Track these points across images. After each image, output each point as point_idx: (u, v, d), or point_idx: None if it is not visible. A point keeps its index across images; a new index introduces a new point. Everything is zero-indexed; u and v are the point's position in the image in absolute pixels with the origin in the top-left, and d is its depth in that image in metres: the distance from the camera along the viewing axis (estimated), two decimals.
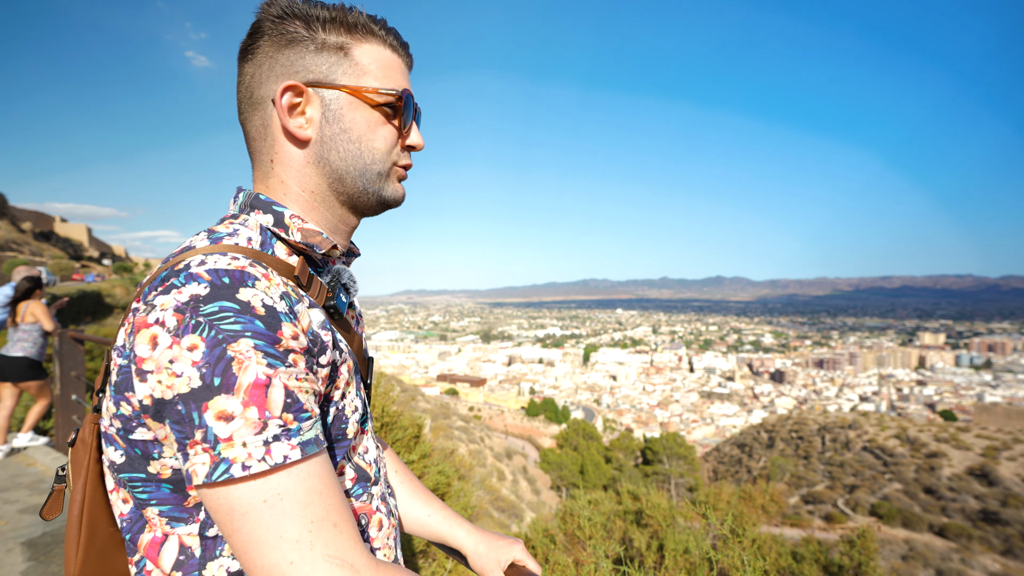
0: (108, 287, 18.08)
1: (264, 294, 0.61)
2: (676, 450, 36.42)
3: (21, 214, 41.46)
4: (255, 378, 0.56)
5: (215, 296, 0.58)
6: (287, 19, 0.73)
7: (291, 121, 0.73)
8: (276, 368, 0.58)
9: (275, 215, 0.73)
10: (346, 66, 0.74)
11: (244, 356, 0.56)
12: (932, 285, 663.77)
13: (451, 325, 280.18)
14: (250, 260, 0.64)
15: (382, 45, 0.77)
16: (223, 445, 0.55)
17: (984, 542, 23.84)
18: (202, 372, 0.56)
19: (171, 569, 0.65)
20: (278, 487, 0.56)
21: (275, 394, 0.57)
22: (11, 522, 3.81)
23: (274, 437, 0.56)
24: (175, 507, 0.65)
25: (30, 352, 5.06)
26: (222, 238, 0.69)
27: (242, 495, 0.56)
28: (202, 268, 0.61)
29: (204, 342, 0.56)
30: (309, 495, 0.58)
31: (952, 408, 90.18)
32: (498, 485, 24.49)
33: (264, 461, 0.56)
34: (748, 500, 10.97)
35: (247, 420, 0.55)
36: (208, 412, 0.55)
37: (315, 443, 0.60)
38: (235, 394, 0.55)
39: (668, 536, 4.95)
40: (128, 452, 0.64)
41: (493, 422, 69.32)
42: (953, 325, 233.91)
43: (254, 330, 0.58)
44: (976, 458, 32.39)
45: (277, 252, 0.72)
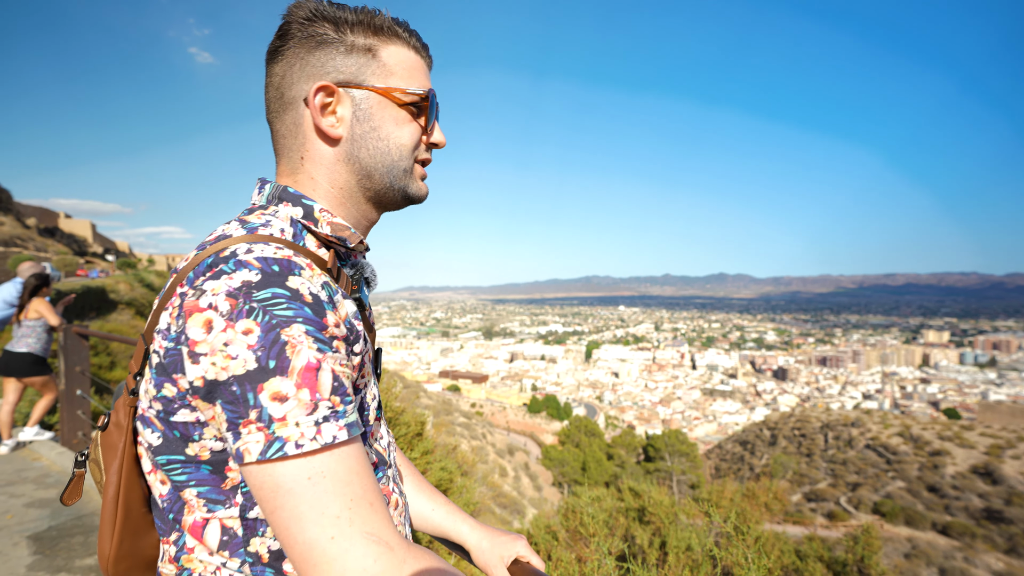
0: (112, 283, 18.13)
1: (310, 283, 0.64)
2: (678, 447, 36.46)
3: (26, 210, 41.58)
4: (307, 361, 0.59)
5: (267, 283, 0.61)
6: (315, 21, 0.75)
7: (323, 120, 0.76)
8: (325, 353, 0.61)
9: (305, 208, 0.76)
10: (374, 67, 0.77)
11: (297, 340, 0.59)
12: (936, 283, 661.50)
13: (453, 322, 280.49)
14: (293, 251, 0.68)
15: (406, 47, 0.80)
16: (277, 424, 0.58)
17: (988, 540, 23.80)
18: (257, 355, 0.58)
19: (217, 548, 0.68)
20: (322, 466, 0.59)
21: (325, 377, 0.60)
22: (17, 516, 3.83)
23: (324, 418, 0.59)
24: (213, 488, 0.67)
25: (34, 348, 5.08)
26: (256, 228, 0.72)
27: (288, 473, 0.58)
28: (251, 256, 0.63)
29: (259, 326, 0.59)
30: (349, 475, 0.60)
31: (956, 406, 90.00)
32: (500, 481, 24.55)
33: (315, 440, 0.58)
34: (751, 498, 10.97)
35: (300, 401, 0.58)
36: (263, 393, 0.58)
37: (357, 425, 0.64)
38: (289, 376, 0.58)
39: (670, 533, 4.95)
40: (166, 434, 0.67)
41: (495, 419, 69.42)
42: (957, 323, 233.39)
43: (305, 316, 0.60)
44: (980, 456, 32.32)
45: (307, 244, 0.75)
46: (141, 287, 20.07)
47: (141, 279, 21.94)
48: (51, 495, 4.22)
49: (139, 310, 17.09)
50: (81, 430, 5.35)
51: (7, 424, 5.20)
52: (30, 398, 6.14)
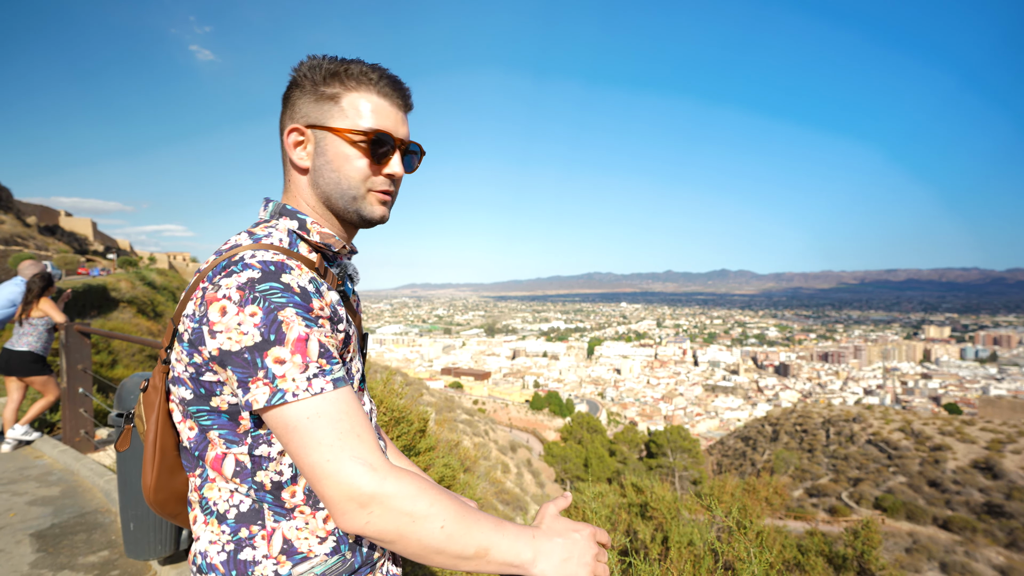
0: (113, 281, 18.13)
1: (298, 279, 0.85)
2: (680, 443, 36.45)
3: (26, 208, 41.55)
4: (298, 334, 0.81)
5: (266, 279, 0.83)
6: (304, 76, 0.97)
7: (294, 154, 0.99)
8: (311, 328, 0.83)
9: (300, 221, 0.98)
10: (335, 111, 0.96)
11: (289, 320, 0.81)
12: (938, 278, 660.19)
13: (455, 319, 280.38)
14: (286, 255, 0.89)
15: (370, 92, 0.97)
16: (279, 380, 0.79)
17: (988, 535, 23.80)
18: (261, 331, 0.80)
19: (231, 476, 0.91)
20: (316, 408, 0.80)
21: (312, 345, 0.82)
22: (20, 514, 3.84)
23: (314, 375, 0.81)
24: (230, 431, 0.91)
25: (35, 346, 5.07)
26: (261, 239, 0.94)
27: (292, 413, 0.80)
28: (254, 259, 0.85)
29: (261, 310, 0.81)
30: (339, 414, 0.81)
31: (957, 401, 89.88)
32: (503, 478, 24.57)
33: (307, 391, 0.80)
34: (752, 493, 10.97)
35: (294, 363, 0.80)
36: (268, 358, 0.80)
37: (343, 379, 0.84)
38: (285, 346, 0.80)
39: (672, 528, 4.95)
40: (196, 391, 0.90)
41: (497, 415, 69.47)
42: (958, 318, 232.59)
43: (294, 302, 0.82)
44: (981, 451, 32.30)
45: (300, 250, 0.96)
46: (142, 285, 20.08)
47: (142, 277, 21.94)
48: (54, 493, 4.23)
49: (140, 308, 17.10)
50: (83, 428, 5.35)
51: (9, 422, 5.21)
52: (32, 397, 6.14)
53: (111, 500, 4.04)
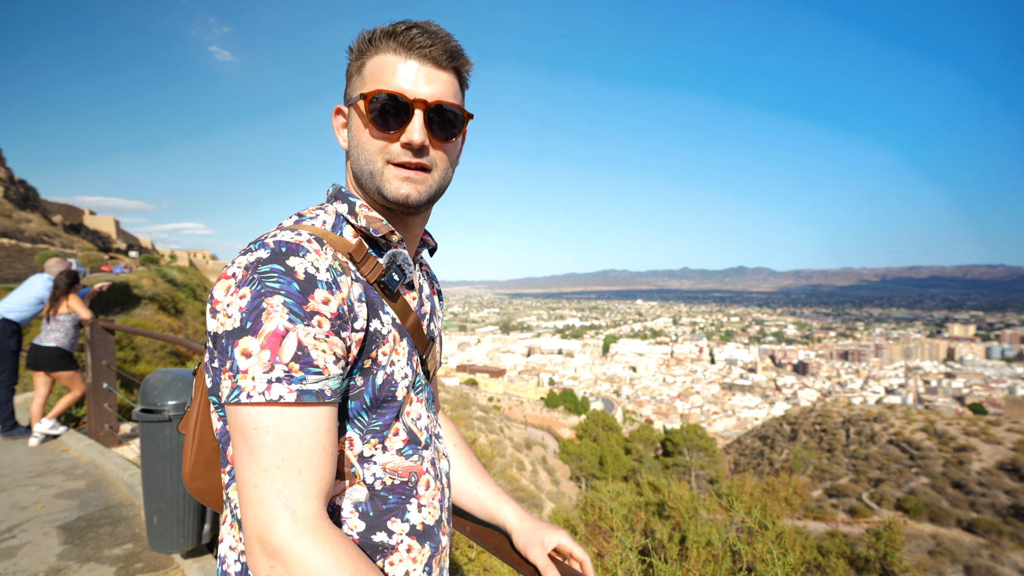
0: (136, 278, 18.43)
1: (309, 264, 0.74)
2: (697, 442, 36.15)
3: (52, 207, 42.47)
4: (275, 328, 0.69)
5: (271, 260, 0.72)
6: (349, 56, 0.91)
7: (337, 136, 0.93)
8: (295, 324, 0.70)
9: (349, 204, 0.89)
10: (357, 82, 0.88)
11: (273, 309, 0.70)
12: (962, 275, 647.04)
13: (471, 316, 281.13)
14: (311, 237, 0.78)
15: (387, 52, 0.85)
16: (240, 376, 0.69)
17: (1015, 538, 23.29)
18: (242, 316, 0.70)
19: None
20: (268, 421, 0.69)
21: (288, 344, 0.69)
22: (47, 506, 3.92)
23: (277, 379, 0.69)
24: None
25: (62, 342, 5.18)
26: (304, 220, 0.86)
27: (242, 417, 0.70)
28: (271, 239, 0.75)
29: (251, 293, 0.71)
30: (290, 437, 0.69)
31: (982, 401, 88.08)
32: (518, 475, 24.60)
33: (263, 395, 0.68)
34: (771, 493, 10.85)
35: (260, 360, 0.69)
36: (237, 348, 0.70)
37: (316, 395, 0.71)
38: (257, 337, 0.69)
39: (690, 528, 4.91)
40: (213, 379, 0.81)
41: (513, 413, 69.54)
42: (984, 316, 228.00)
43: (288, 290, 0.71)
44: (1007, 452, 31.59)
45: (345, 233, 0.87)
46: (164, 282, 20.39)
47: (164, 275, 22.29)
48: (80, 486, 4.31)
49: (162, 305, 17.37)
50: (108, 423, 5.45)
51: (38, 416, 5.32)
52: (59, 392, 6.27)
53: (135, 494, 4.11)
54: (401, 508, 0.86)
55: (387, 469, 0.86)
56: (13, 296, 5.32)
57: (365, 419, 0.83)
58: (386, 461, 0.86)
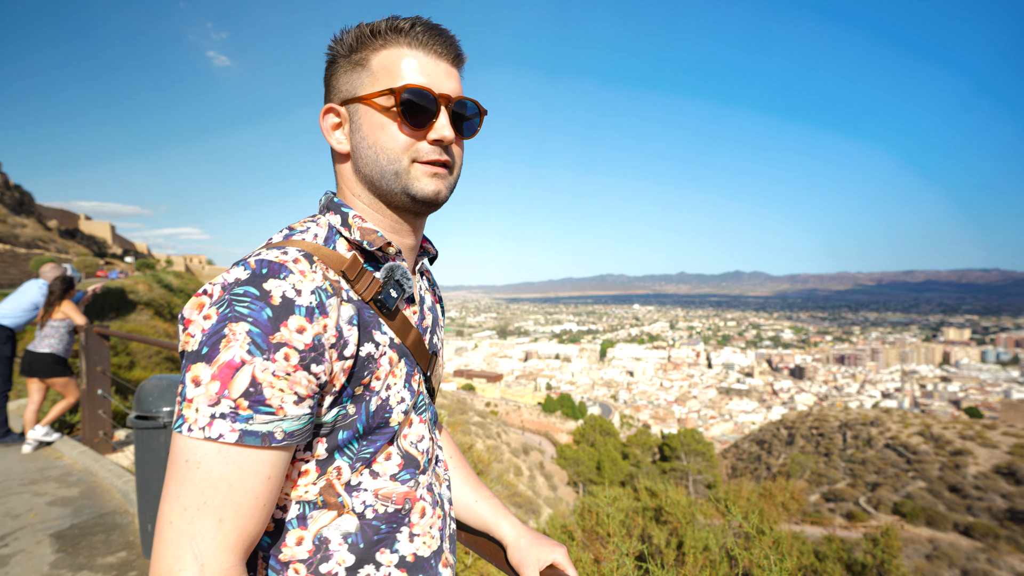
0: (131, 283, 18.37)
1: (290, 287, 0.67)
2: (694, 447, 36.14)
3: (47, 212, 42.35)
4: (230, 358, 0.63)
5: (248, 282, 0.66)
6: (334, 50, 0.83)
7: (332, 138, 0.84)
8: (254, 357, 0.64)
9: (342, 215, 0.83)
10: (364, 77, 0.80)
11: (234, 337, 0.63)
12: (957, 279, 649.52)
13: (467, 321, 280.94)
14: (299, 255, 0.72)
15: (399, 46, 0.80)
16: (185, 404, 0.64)
17: (1011, 542, 23.31)
18: (201, 340, 0.65)
19: None
20: (202, 456, 0.63)
21: (240, 379, 0.63)
22: (40, 514, 3.89)
23: (221, 415, 0.63)
24: None
25: (56, 348, 5.15)
26: (294, 234, 0.80)
27: (179, 446, 0.64)
28: (254, 258, 0.69)
29: (217, 316, 0.65)
30: (221, 480, 0.64)
31: (978, 405, 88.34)
32: (515, 480, 24.52)
33: (203, 431, 0.63)
34: (768, 497, 10.85)
35: (207, 391, 0.63)
36: (189, 373, 0.64)
37: (261, 438, 0.65)
38: (211, 366, 0.63)
39: (688, 533, 4.91)
40: None
41: (510, 418, 69.40)
42: (979, 320, 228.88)
43: (256, 318, 0.64)
44: (1003, 456, 31.68)
45: (338, 247, 0.81)
46: (160, 288, 20.34)
47: (160, 280, 22.22)
48: (73, 493, 4.28)
49: (157, 310, 17.31)
50: (102, 429, 5.42)
51: (31, 423, 5.29)
52: (53, 398, 6.23)
53: (129, 501, 4.08)
54: (391, 538, 0.81)
55: (379, 496, 0.81)
56: (7, 302, 5.30)
57: (356, 447, 0.79)
58: (378, 487, 0.81)
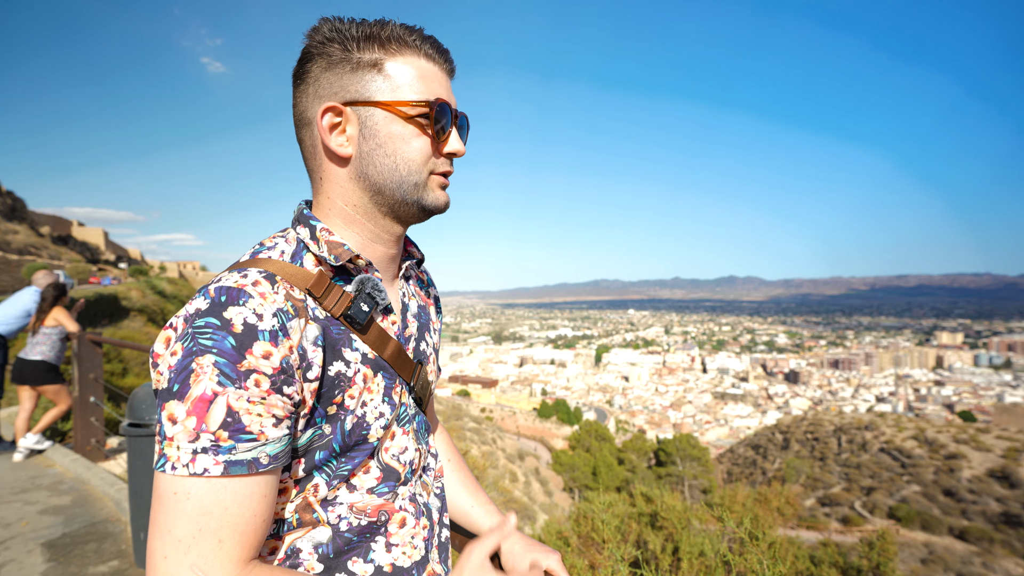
0: (124, 290, 18.30)
1: (251, 312, 0.66)
2: (689, 451, 36.16)
3: (40, 219, 42.13)
4: (202, 392, 0.62)
5: (208, 312, 0.65)
6: (327, 43, 0.77)
7: (332, 140, 0.78)
8: (225, 387, 0.63)
9: (310, 228, 0.79)
10: (380, 81, 0.77)
11: (202, 371, 0.62)
12: (949, 284, 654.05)
13: (463, 326, 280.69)
14: (260, 276, 0.70)
15: (416, 55, 0.79)
16: (166, 443, 0.63)
17: (1006, 545, 23.42)
18: (170, 376, 0.64)
19: None
20: (190, 488, 0.63)
21: (216, 411, 0.63)
22: (32, 523, 3.86)
23: (203, 449, 0.62)
24: None
25: (48, 356, 5.12)
26: (261, 252, 0.77)
27: (163, 482, 0.63)
28: (214, 285, 0.68)
29: (182, 351, 0.64)
30: (213, 506, 0.63)
31: (971, 409, 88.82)
32: (510, 486, 24.46)
33: (187, 467, 0.62)
34: (763, 502, 10.87)
35: (185, 428, 0.62)
36: (164, 412, 0.63)
37: (247, 465, 0.65)
38: (184, 402, 0.62)
39: (683, 538, 4.91)
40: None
41: (505, 423, 69.23)
42: (971, 324, 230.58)
43: (220, 348, 0.63)
44: (997, 459, 31.86)
45: (305, 263, 0.77)
46: (153, 294, 20.26)
47: (153, 286, 22.14)
48: (65, 502, 4.25)
49: (151, 317, 17.23)
50: (94, 437, 5.38)
51: (23, 431, 5.25)
52: (45, 406, 6.19)
53: (122, 510, 4.05)
54: (364, 547, 0.80)
55: (354, 509, 0.80)
56: (0, 309, 5.27)
57: (334, 465, 0.78)
58: (354, 501, 0.80)
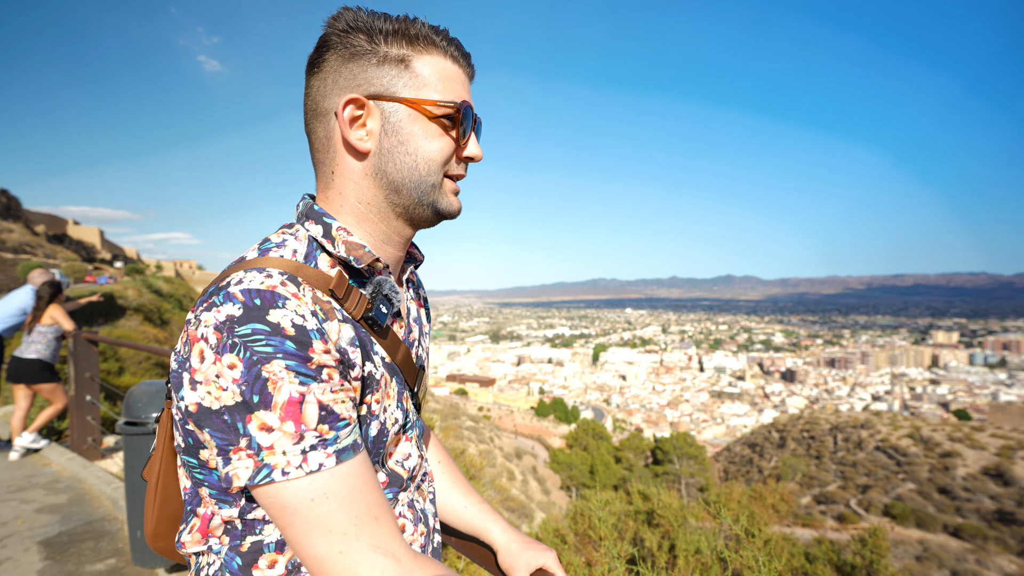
0: (120, 289, 18.25)
1: (294, 313, 0.64)
2: (686, 450, 36.25)
3: (35, 217, 41.95)
4: (289, 396, 0.61)
5: (247, 318, 0.62)
6: (351, 33, 0.75)
7: (352, 133, 0.75)
8: (308, 385, 0.63)
9: (324, 226, 0.76)
10: (406, 78, 0.75)
11: (277, 377, 0.61)
12: (945, 283, 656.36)
13: (460, 325, 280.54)
14: (284, 277, 0.67)
15: (443, 56, 0.78)
16: (266, 453, 0.61)
17: (1000, 543, 23.54)
18: (242, 389, 0.61)
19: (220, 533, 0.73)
20: (323, 487, 0.63)
21: (309, 409, 0.62)
22: (28, 521, 3.86)
23: (311, 447, 0.62)
24: (220, 492, 0.71)
25: (43, 354, 5.11)
26: (270, 249, 0.73)
27: (291, 494, 0.62)
28: (238, 288, 0.64)
29: (241, 362, 0.61)
30: (351, 493, 0.64)
31: (966, 407, 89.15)
32: (508, 485, 24.49)
33: (301, 468, 0.62)
34: (758, 499, 10.90)
35: (285, 432, 0.61)
36: (251, 423, 0.61)
37: (352, 449, 0.66)
38: (272, 410, 0.61)
39: (679, 536, 4.93)
40: (184, 439, 0.70)
41: (503, 422, 69.32)
42: (967, 323, 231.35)
43: (284, 351, 0.62)
44: (991, 458, 32.01)
45: (320, 264, 0.75)
46: (149, 293, 20.21)
47: (149, 285, 22.09)
48: (61, 500, 4.25)
49: (147, 316, 17.19)
50: (91, 436, 5.38)
51: (18, 430, 5.24)
52: (40, 404, 6.18)
53: (118, 508, 4.05)
54: None
55: None
56: None
57: None
58: None
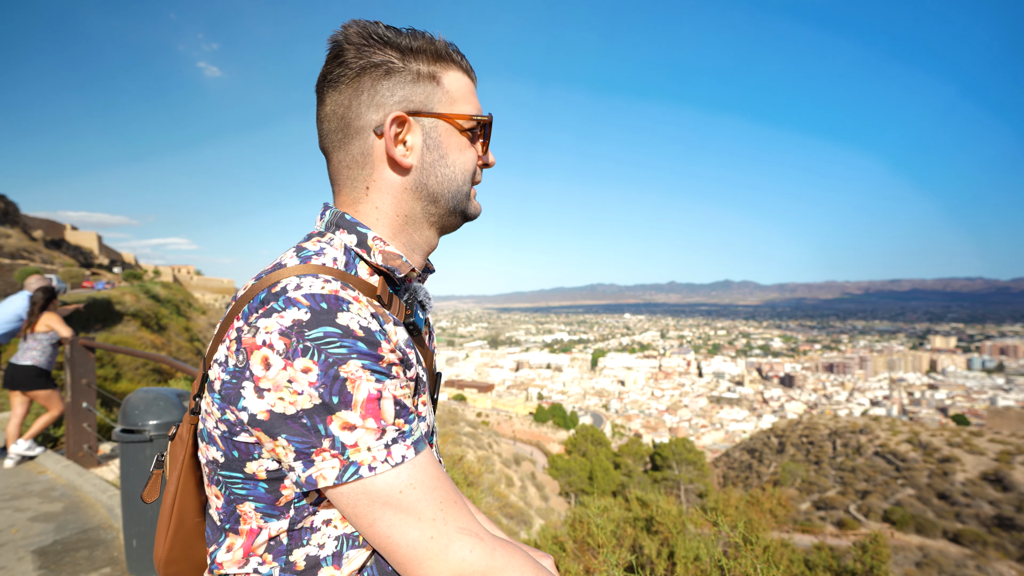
0: (118, 294, 18.18)
1: (359, 316, 0.66)
2: (685, 456, 36.20)
3: (32, 222, 41.86)
4: (367, 394, 0.64)
5: (317, 322, 0.64)
6: (375, 47, 0.76)
7: (396, 150, 0.78)
8: (383, 382, 0.66)
9: (359, 236, 0.78)
10: (439, 94, 0.79)
11: (355, 376, 0.64)
12: (942, 288, 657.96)
13: (458, 331, 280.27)
14: (340, 283, 0.69)
15: (460, 71, 0.83)
16: (351, 451, 0.64)
17: (1000, 548, 23.49)
18: (320, 392, 0.63)
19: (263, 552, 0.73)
20: (408, 478, 0.67)
21: (386, 405, 0.66)
22: (22, 530, 3.83)
23: (392, 440, 0.66)
24: (268, 505, 0.72)
25: (39, 361, 5.08)
26: (311, 257, 0.75)
27: (379, 488, 0.66)
28: (299, 293, 0.66)
29: (317, 365, 0.63)
30: (433, 481, 0.69)
31: (964, 412, 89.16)
32: (506, 491, 24.39)
33: (387, 461, 0.65)
34: (756, 505, 10.88)
35: (367, 429, 0.64)
36: (333, 424, 0.63)
37: (423, 440, 0.71)
38: (353, 409, 0.64)
39: (678, 543, 4.91)
40: (227, 453, 0.71)
41: (501, 428, 69.12)
42: (964, 328, 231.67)
43: (358, 351, 0.64)
44: (990, 463, 31.98)
45: (360, 271, 0.78)
46: (147, 298, 20.14)
47: (147, 290, 22.02)
48: (56, 509, 4.22)
49: (145, 321, 17.13)
50: (87, 443, 5.34)
51: (14, 437, 5.21)
52: (36, 411, 6.15)
53: (114, 516, 4.02)
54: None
55: None
56: None
57: None
58: None
